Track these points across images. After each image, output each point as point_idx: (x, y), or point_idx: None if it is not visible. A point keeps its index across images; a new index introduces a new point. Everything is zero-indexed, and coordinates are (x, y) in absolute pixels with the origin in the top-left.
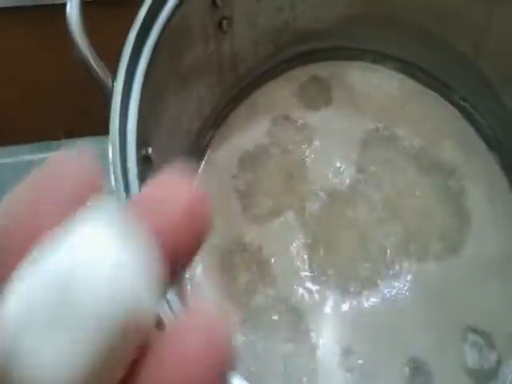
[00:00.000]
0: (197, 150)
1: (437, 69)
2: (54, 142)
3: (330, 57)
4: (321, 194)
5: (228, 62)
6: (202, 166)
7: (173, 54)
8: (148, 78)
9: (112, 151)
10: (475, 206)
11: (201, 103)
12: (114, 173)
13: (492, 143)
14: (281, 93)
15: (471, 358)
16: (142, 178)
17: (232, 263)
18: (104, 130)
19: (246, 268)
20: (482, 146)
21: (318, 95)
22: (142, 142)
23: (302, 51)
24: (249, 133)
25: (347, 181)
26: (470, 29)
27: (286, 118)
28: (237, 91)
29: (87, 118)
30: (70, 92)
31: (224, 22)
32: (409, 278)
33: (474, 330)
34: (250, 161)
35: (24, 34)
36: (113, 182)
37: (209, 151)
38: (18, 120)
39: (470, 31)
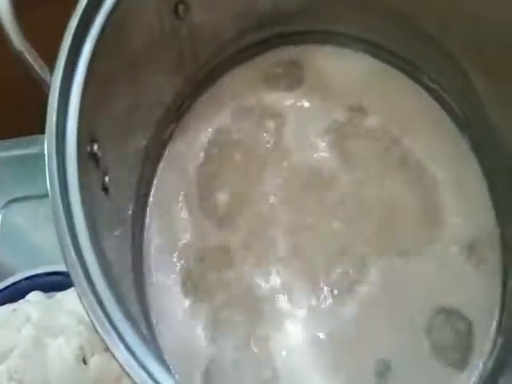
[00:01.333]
0: (157, 141)
1: (405, 50)
2: (10, 140)
3: (296, 41)
4: (289, 181)
5: (188, 48)
6: (162, 158)
7: (122, 42)
8: (93, 69)
9: (48, 149)
10: (444, 188)
11: (160, 92)
12: (50, 174)
13: (461, 124)
14: (246, 79)
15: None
16: (85, 177)
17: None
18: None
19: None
20: (451, 126)
21: (285, 80)
22: (85, 139)
23: (266, 36)
24: (213, 122)
25: (316, 166)
26: (437, 8)
27: (252, 104)
28: (199, 79)
29: (24, 116)
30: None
31: (180, 6)
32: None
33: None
34: (214, 151)
35: None
36: (48, 185)
37: (170, 143)
38: None
39: (438, 11)
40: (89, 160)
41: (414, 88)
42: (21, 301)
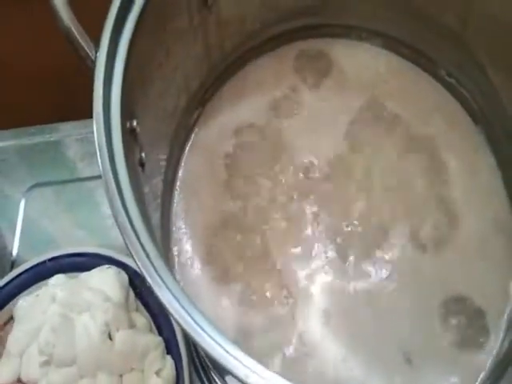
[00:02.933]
0: (184, 127)
1: (422, 44)
2: (34, 128)
3: (316, 34)
4: (310, 170)
5: (214, 37)
6: (189, 144)
7: (157, 27)
8: (132, 49)
9: (96, 122)
10: (459, 179)
11: (187, 78)
12: (99, 142)
13: (477, 117)
14: (269, 69)
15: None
16: (128, 150)
17: (219, 239)
18: (84, 115)
19: (232, 243)
20: (467, 119)
21: (306, 72)
22: (127, 114)
23: (288, 29)
24: (237, 110)
25: (335, 157)
26: (455, 2)
27: (274, 94)
28: (224, 67)
29: (72, 103)
30: (51, 77)
31: None
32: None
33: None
34: (238, 138)
35: (4, 18)
36: (98, 152)
37: (196, 129)
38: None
39: (456, 5)
40: (130, 135)
41: (431, 81)
42: (43, 286)
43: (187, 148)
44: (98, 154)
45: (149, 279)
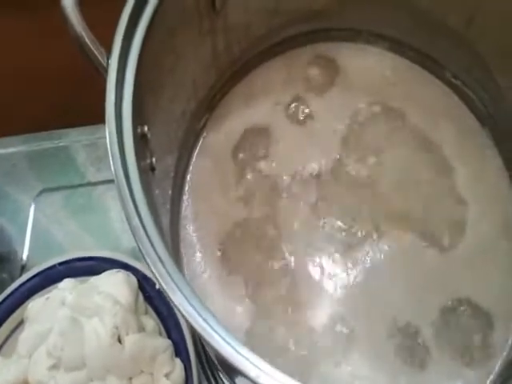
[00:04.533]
0: (192, 132)
1: (428, 47)
2: (43, 133)
3: (322, 38)
4: (319, 172)
5: (222, 42)
6: (197, 148)
7: (167, 32)
8: (143, 55)
9: (108, 127)
10: (466, 180)
11: (196, 83)
12: (111, 148)
13: (484, 119)
14: (275, 74)
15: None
16: (139, 155)
17: (229, 242)
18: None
19: (246, 245)
20: (474, 121)
21: (313, 76)
22: (138, 120)
23: (295, 33)
24: (245, 114)
25: (343, 159)
26: (460, 4)
27: (281, 99)
28: (232, 72)
29: (81, 109)
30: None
31: (217, 1)
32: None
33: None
34: (245, 141)
35: (14, 23)
36: (110, 158)
37: (204, 134)
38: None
39: (461, 7)
40: (141, 140)
41: (437, 84)
42: (53, 290)
43: (196, 152)
44: (111, 159)
45: (162, 283)
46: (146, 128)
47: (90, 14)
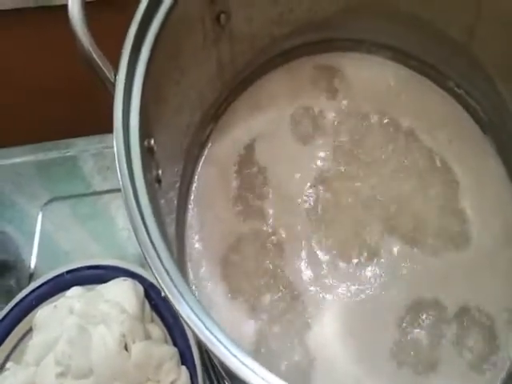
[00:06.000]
0: (197, 143)
1: (430, 56)
2: (50, 143)
3: (325, 48)
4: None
5: (227, 55)
6: (202, 159)
7: (173, 47)
8: (149, 71)
9: (116, 143)
10: (468, 189)
11: (201, 95)
12: (119, 162)
13: (487, 127)
14: (279, 85)
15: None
16: (146, 168)
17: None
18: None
19: (247, 256)
20: (476, 130)
21: (317, 86)
22: (144, 134)
23: (297, 44)
24: (249, 125)
25: (347, 166)
26: (461, 14)
27: (286, 109)
28: (236, 83)
29: (84, 119)
30: (67, 93)
31: (222, 15)
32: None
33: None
34: (250, 153)
35: (24, 36)
36: (118, 172)
37: (209, 144)
38: (15, 120)
39: (462, 17)
40: (148, 153)
41: (440, 93)
42: (60, 298)
43: (201, 162)
44: (119, 175)
45: (167, 293)
46: (152, 141)
47: (96, 26)
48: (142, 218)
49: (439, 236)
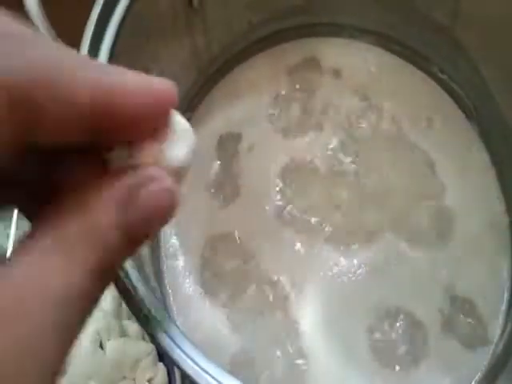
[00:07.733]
0: None
1: (414, 41)
2: None
3: (306, 34)
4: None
5: (201, 40)
6: None
7: (140, 31)
8: (113, 59)
9: None
10: (452, 177)
11: (175, 83)
12: None
13: (471, 113)
14: (258, 72)
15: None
16: None
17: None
18: None
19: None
20: (460, 116)
21: (297, 73)
22: None
23: (278, 29)
24: (228, 114)
25: (330, 156)
26: None
27: (265, 97)
28: (213, 71)
29: None
30: None
31: None
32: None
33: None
34: (228, 142)
35: None
36: None
37: None
38: None
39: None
40: None
41: (423, 78)
42: None
43: None
44: None
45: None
46: None
47: (55, 14)
48: None
49: (423, 225)
